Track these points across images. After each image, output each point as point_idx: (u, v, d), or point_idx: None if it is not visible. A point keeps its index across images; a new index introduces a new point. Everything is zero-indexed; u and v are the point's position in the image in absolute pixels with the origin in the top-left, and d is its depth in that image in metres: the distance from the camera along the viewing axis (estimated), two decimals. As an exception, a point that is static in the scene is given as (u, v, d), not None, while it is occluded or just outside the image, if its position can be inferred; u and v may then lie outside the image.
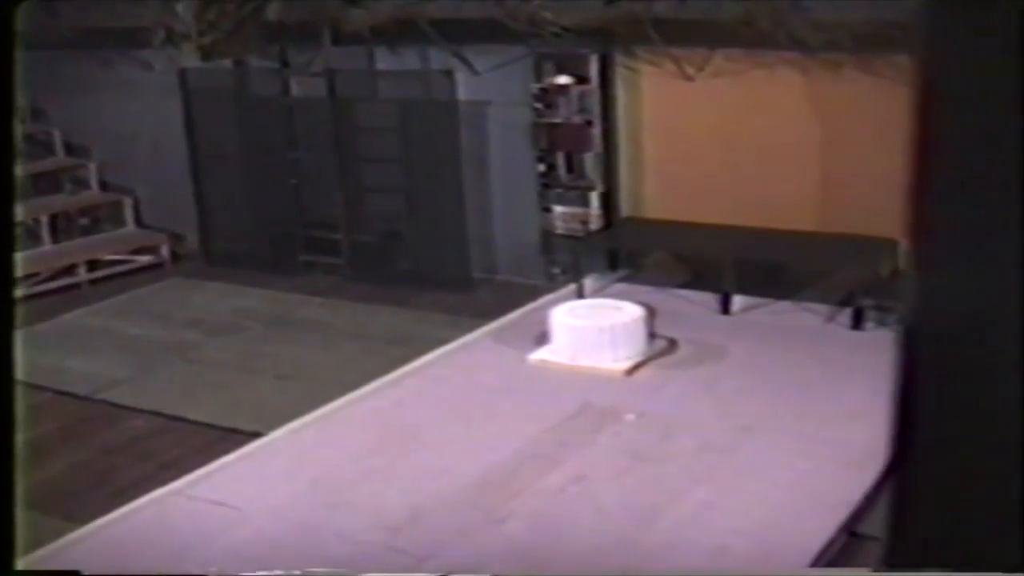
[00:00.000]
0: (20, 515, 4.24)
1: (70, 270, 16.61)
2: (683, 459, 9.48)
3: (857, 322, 12.28)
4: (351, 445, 10.14)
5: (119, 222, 18.16)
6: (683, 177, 14.31)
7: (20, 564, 4.00)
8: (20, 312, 4.74)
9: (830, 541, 8.19)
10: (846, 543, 8.42)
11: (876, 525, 8.67)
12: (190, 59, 16.07)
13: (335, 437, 10.36)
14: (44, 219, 17.34)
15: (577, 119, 14.72)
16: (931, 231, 1.41)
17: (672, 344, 11.96)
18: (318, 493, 9.23)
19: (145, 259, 17.30)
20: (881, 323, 12.17)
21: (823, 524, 8.19)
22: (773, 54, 13.10)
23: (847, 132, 13.19)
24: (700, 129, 14.12)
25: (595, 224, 14.80)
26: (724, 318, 12.83)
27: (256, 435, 10.51)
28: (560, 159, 14.99)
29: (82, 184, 18.61)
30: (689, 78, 13.93)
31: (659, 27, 13.60)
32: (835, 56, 12.89)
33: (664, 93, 14.31)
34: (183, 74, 16.81)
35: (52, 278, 16.28)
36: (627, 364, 11.39)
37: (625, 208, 14.89)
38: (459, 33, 14.70)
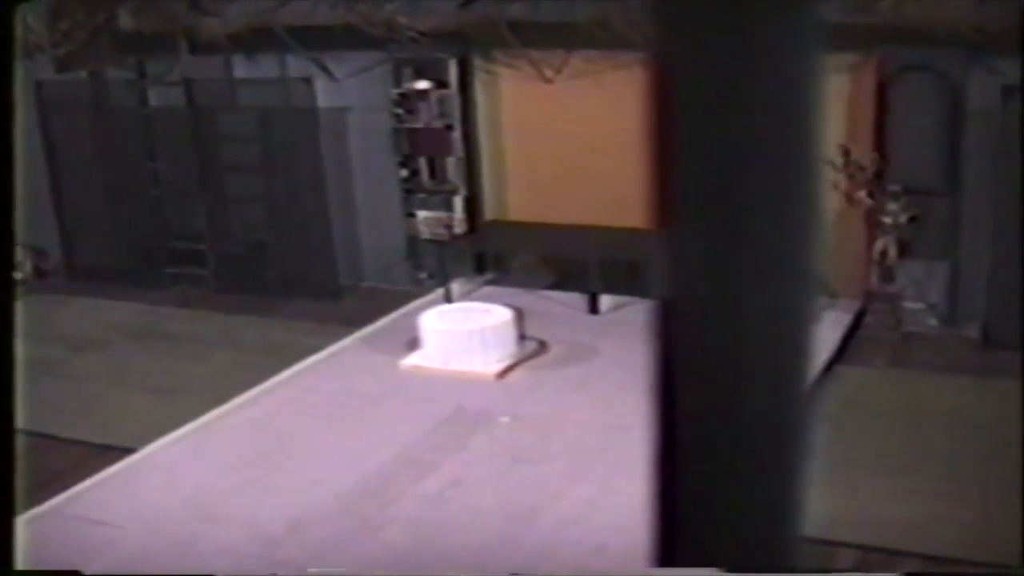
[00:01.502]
0: None
1: (-72, 290, 16.30)
2: (559, 460, 9.59)
3: (724, 318, 12.49)
4: (227, 457, 10.13)
5: (-23, 239, 17.86)
6: (546, 178, 14.41)
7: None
8: None
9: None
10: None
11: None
12: (45, 71, 15.90)
13: (210, 450, 10.35)
14: None
15: (438, 123, 14.74)
16: (674, 220, 1.45)
17: (543, 345, 12.08)
18: (196, 507, 9.22)
19: (7, 275, 17.03)
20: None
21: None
22: (630, 55, 13.19)
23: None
24: (561, 130, 14.21)
25: (460, 228, 14.85)
26: (593, 318, 12.98)
27: (130, 451, 10.43)
28: (422, 164, 15.01)
29: (-64, 201, 18.29)
30: (548, 80, 14.03)
31: (515, 30, 13.69)
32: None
33: (524, 96, 14.40)
34: (38, 86, 16.59)
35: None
36: (499, 367, 11.49)
37: (489, 211, 14.97)
38: (316, 39, 14.63)
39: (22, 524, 8.98)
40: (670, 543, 1.77)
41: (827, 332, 12.51)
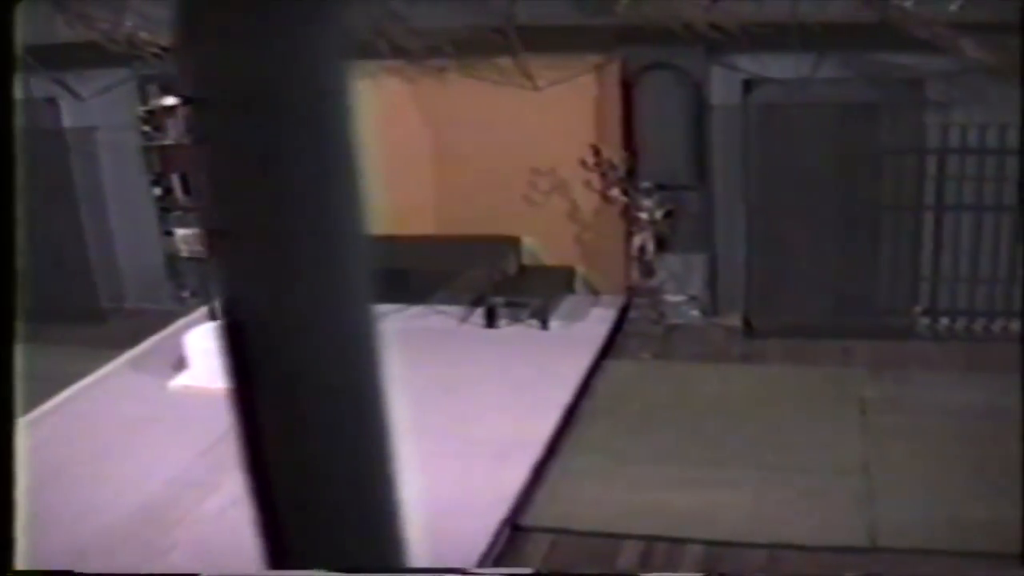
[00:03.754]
0: None
1: None
2: (338, 471, 9.60)
3: (490, 320, 12.67)
4: (1, 491, 9.92)
5: None
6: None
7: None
8: None
9: (495, 537, 8.49)
10: (511, 537, 8.74)
11: (539, 517, 9.06)
12: None
13: (-18, 485, 10.11)
14: None
15: (187, 140, 14.46)
16: (219, 224, 1.49)
17: (308, 356, 12.08)
18: (-25, 544, 9.02)
19: None
20: (514, 319, 12.65)
21: (486, 521, 8.46)
22: (375, 63, 13.17)
23: (457, 135, 13.51)
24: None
25: (219, 244, 14.65)
26: (358, 327, 12.99)
27: (-103, 493, 10.14)
28: (176, 181, 14.76)
29: None
30: (297, 91, 13.94)
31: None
32: (438, 63, 13.15)
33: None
34: None
35: None
36: (269, 382, 11.44)
37: (248, 225, 14.81)
38: (58, 59, 14.28)
39: None
40: (278, 544, 1.82)
41: (593, 328, 12.81)
